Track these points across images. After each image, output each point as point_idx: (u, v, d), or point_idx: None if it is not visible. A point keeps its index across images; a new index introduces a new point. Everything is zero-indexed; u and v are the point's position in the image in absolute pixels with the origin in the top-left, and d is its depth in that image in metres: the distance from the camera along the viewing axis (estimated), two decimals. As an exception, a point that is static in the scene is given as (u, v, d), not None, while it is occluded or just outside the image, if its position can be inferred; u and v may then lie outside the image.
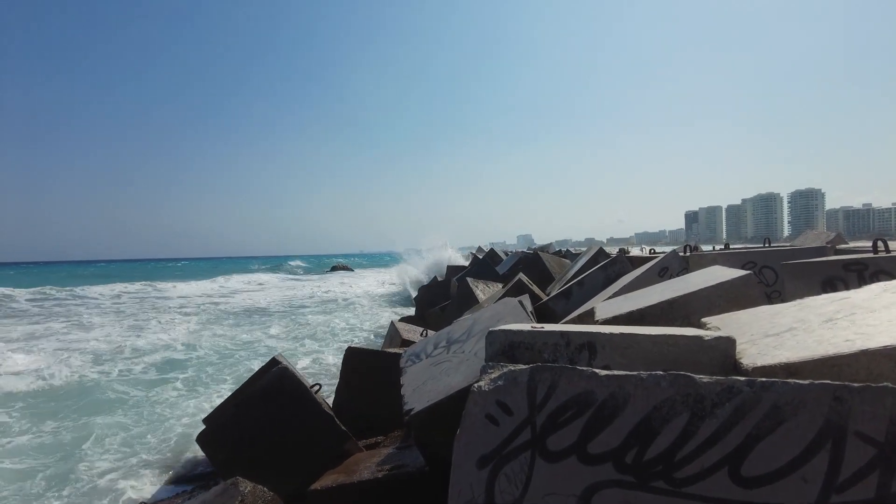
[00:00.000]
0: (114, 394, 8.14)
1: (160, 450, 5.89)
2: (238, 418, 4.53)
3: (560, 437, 1.54)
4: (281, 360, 5.22)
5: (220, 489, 3.47)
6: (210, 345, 12.27)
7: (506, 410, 1.63)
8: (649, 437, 1.45)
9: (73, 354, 11.03)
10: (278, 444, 4.37)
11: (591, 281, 5.99)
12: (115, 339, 13.38)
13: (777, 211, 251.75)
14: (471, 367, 3.51)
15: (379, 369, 5.61)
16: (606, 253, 7.89)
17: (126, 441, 6.16)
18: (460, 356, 3.78)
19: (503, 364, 1.72)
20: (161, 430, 6.47)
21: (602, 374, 1.56)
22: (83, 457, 5.72)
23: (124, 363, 10.33)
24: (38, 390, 8.40)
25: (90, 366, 10.07)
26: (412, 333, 6.84)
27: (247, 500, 3.24)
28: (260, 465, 4.26)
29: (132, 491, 5.00)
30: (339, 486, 3.85)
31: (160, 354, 11.27)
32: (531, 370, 1.63)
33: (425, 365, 3.92)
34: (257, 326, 15.62)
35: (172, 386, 8.67)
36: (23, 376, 9.09)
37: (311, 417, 4.45)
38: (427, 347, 4.17)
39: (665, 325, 3.13)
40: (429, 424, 3.33)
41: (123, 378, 9.20)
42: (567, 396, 1.56)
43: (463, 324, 4.33)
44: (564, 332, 2.36)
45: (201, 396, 7.95)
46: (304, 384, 4.64)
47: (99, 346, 12.22)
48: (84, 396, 8.02)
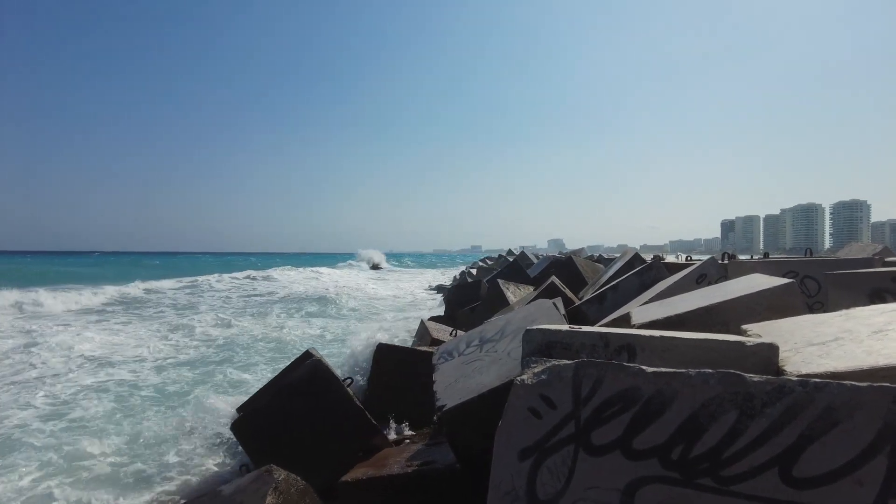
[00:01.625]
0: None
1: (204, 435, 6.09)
2: (271, 408, 4.61)
3: (604, 431, 1.54)
4: (314, 352, 5.30)
5: (254, 475, 3.54)
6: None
7: (549, 404, 1.64)
8: (696, 435, 1.44)
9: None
10: (310, 435, 4.44)
11: (626, 286, 5.94)
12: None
13: (818, 222, 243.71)
14: (504, 366, 3.53)
15: (408, 366, 5.66)
16: (642, 258, 7.79)
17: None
18: (493, 355, 3.79)
19: (546, 359, 1.73)
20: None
21: (649, 371, 1.56)
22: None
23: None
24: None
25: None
26: (442, 333, 6.87)
27: (280, 487, 3.29)
28: (291, 455, 4.33)
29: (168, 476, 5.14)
30: (369, 479, 3.90)
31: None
32: (576, 365, 1.64)
33: (457, 363, 3.95)
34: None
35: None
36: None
37: (342, 410, 4.51)
38: (459, 346, 4.19)
39: (703, 331, 3.09)
40: (461, 421, 3.35)
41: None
42: (612, 392, 1.56)
43: (495, 324, 4.34)
44: (603, 333, 2.35)
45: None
46: (337, 377, 4.71)
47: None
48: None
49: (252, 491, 3.34)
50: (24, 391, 8.14)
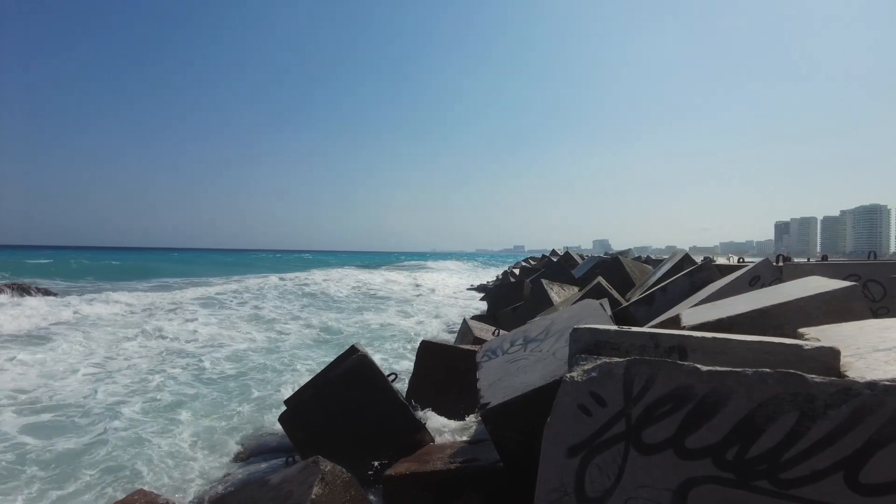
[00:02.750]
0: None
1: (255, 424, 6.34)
2: (317, 401, 4.72)
3: (656, 430, 1.51)
4: (360, 348, 5.39)
5: (301, 466, 3.63)
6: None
7: (599, 401, 1.62)
8: (753, 435, 1.40)
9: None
10: (354, 428, 4.51)
11: (675, 287, 5.79)
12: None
13: (882, 224, 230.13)
14: (548, 366, 3.50)
15: (451, 364, 5.67)
16: (692, 259, 7.57)
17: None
18: (537, 355, 3.77)
19: (597, 356, 1.71)
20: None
21: (703, 370, 1.52)
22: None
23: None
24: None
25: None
26: (484, 332, 6.86)
27: (327, 478, 3.36)
28: (336, 448, 4.41)
29: (219, 462, 5.33)
30: (412, 474, 3.94)
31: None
32: (627, 363, 1.62)
33: (501, 361, 3.94)
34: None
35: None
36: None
37: (386, 405, 4.57)
38: (503, 344, 4.18)
39: (757, 335, 2.99)
40: (505, 419, 3.35)
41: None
42: (665, 390, 1.53)
43: (540, 323, 4.32)
44: (653, 333, 2.31)
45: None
46: (381, 373, 4.78)
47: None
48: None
49: (299, 481, 3.42)
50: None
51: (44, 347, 10.83)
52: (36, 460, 5.34)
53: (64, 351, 10.55)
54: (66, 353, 10.42)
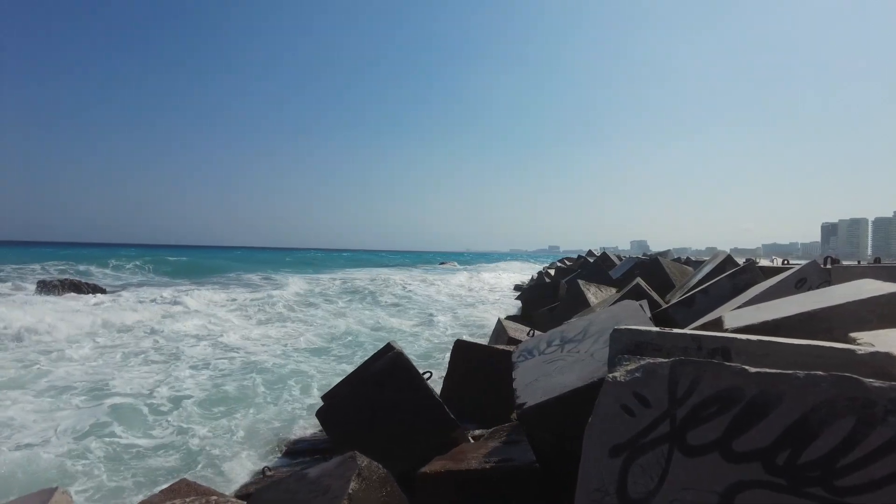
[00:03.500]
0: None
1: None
2: (353, 397, 4.78)
3: (702, 432, 1.48)
4: (395, 345, 5.43)
5: (338, 461, 3.68)
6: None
7: (643, 402, 1.60)
8: (805, 440, 1.35)
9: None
10: (389, 425, 4.55)
11: (716, 289, 5.64)
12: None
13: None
14: (586, 367, 3.47)
15: (486, 363, 5.67)
16: (734, 261, 7.36)
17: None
18: (575, 356, 3.74)
19: (640, 356, 1.69)
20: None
21: (752, 371, 1.48)
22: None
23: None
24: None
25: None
26: (519, 332, 6.83)
27: (363, 473, 3.39)
28: (371, 444, 4.45)
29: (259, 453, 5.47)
30: (447, 473, 3.94)
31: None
32: (673, 363, 1.59)
33: (538, 362, 3.92)
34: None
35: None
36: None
37: (422, 403, 4.59)
38: (540, 345, 4.16)
39: (804, 338, 2.89)
40: (541, 420, 3.33)
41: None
42: (711, 391, 1.50)
43: (577, 324, 4.27)
44: (696, 335, 2.26)
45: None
46: (417, 370, 4.80)
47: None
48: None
49: (337, 475, 3.46)
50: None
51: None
52: (89, 446, 5.58)
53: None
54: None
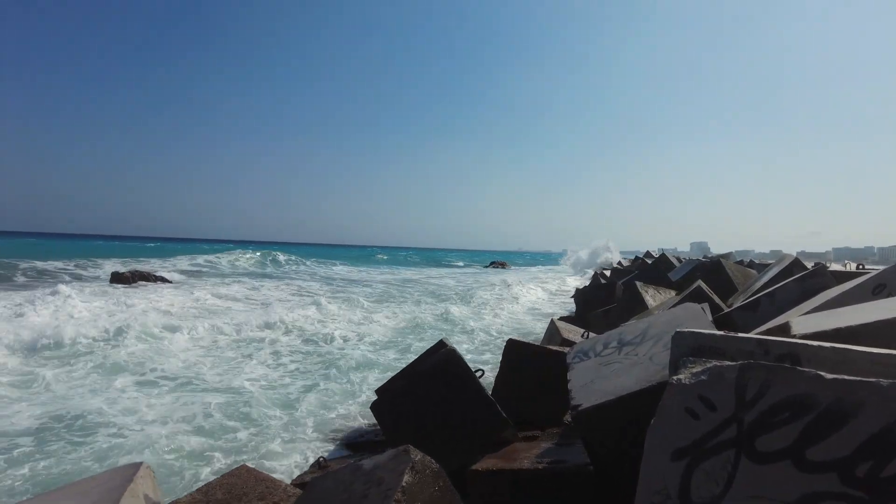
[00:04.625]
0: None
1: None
2: (407, 393, 4.84)
3: (772, 438, 1.43)
4: (447, 342, 5.47)
5: (392, 454, 3.74)
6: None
7: (708, 405, 1.55)
8: (889, 453, 1.28)
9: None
10: (441, 421, 4.59)
11: (783, 294, 5.38)
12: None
13: None
14: (645, 370, 3.40)
15: (538, 364, 5.63)
16: (803, 265, 7.00)
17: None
18: (633, 358, 3.66)
19: (706, 359, 1.64)
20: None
21: (828, 378, 1.42)
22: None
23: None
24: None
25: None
26: (572, 333, 6.73)
27: (417, 467, 3.43)
28: (423, 439, 4.49)
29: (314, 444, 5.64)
30: (498, 471, 3.95)
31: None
32: (741, 367, 1.54)
33: (594, 363, 3.86)
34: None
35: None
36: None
37: (474, 400, 4.61)
38: (596, 346, 4.10)
39: (883, 347, 2.72)
40: (597, 422, 3.28)
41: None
42: (782, 396, 1.44)
43: (635, 326, 4.19)
44: (763, 339, 2.17)
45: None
46: (469, 368, 4.82)
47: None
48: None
49: (390, 468, 3.52)
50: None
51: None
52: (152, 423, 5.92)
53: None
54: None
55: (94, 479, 1.74)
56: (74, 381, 7.71)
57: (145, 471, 1.67)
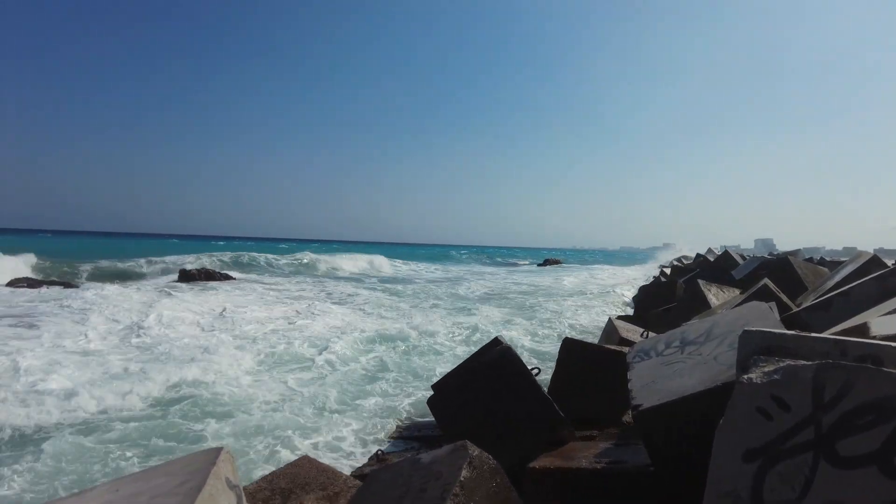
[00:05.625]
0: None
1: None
2: (462, 389, 4.88)
3: (855, 442, 1.36)
4: (503, 339, 5.47)
5: (450, 449, 3.78)
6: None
7: (782, 406, 1.50)
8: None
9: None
10: (497, 418, 4.59)
11: (860, 293, 5.07)
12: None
13: None
14: (708, 370, 3.30)
15: (595, 364, 5.55)
16: (882, 262, 6.58)
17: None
18: (696, 358, 3.56)
19: (779, 358, 1.58)
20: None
21: (917, 380, 1.34)
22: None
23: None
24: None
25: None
26: (631, 333, 6.60)
27: (474, 462, 3.45)
28: (479, 435, 4.51)
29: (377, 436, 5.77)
30: (556, 469, 3.92)
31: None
32: (818, 367, 1.48)
33: (655, 363, 3.78)
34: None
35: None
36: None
37: (530, 398, 4.60)
38: (658, 346, 4.01)
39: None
40: (658, 423, 3.22)
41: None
42: (865, 399, 1.37)
43: (699, 326, 4.06)
44: (839, 340, 2.07)
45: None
46: (525, 366, 4.81)
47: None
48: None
49: (448, 462, 3.56)
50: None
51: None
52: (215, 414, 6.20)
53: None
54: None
55: (179, 462, 1.87)
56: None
57: (226, 455, 1.77)
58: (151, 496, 1.56)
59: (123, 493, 1.65)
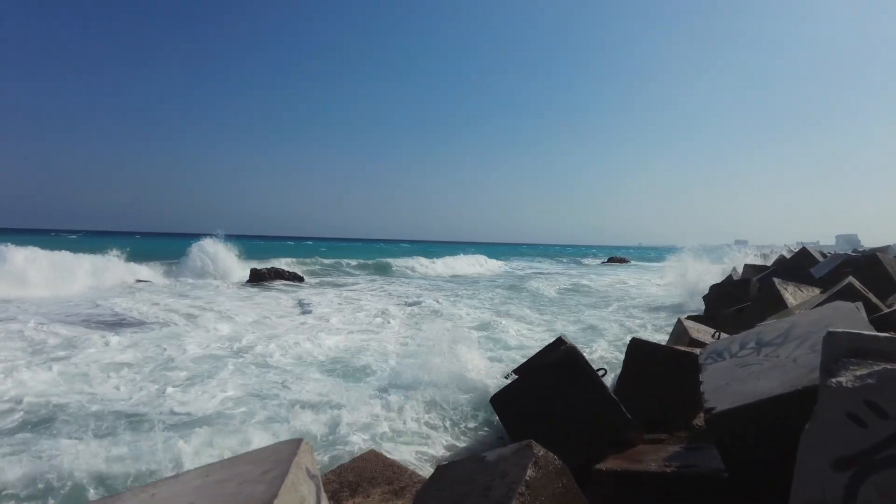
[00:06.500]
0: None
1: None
2: (527, 388, 4.86)
3: (966, 454, 1.27)
4: (566, 339, 5.42)
5: (515, 447, 3.77)
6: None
7: (877, 412, 1.42)
8: None
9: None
10: (562, 418, 4.55)
11: (963, 293, 4.70)
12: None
13: None
14: (787, 373, 3.15)
15: (664, 365, 5.40)
16: None
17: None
18: (773, 360, 3.41)
19: (871, 361, 1.50)
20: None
21: None
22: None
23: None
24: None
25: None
26: (702, 333, 6.36)
27: (539, 462, 3.44)
28: (544, 435, 4.47)
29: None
30: (624, 472, 3.85)
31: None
32: (919, 371, 1.38)
33: (729, 365, 3.64)
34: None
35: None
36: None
37: (596, 399, 4.53)
38: (731, 347, 3.86)
39: None
40: (733, 426, 3.11)
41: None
42: (976, 407, 1.28)
43: (776, 326, 3.88)
44: (942, 342, 1.92)
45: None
46: (591, 366, 4.74)
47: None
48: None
49: (513, 462, 3.55)
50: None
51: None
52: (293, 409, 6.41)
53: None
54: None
55: (262, 451, 1.97)
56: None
57: (305, 446, 1.86)
58: (239, 483, 1.66)
59: (213, 478, 1.77)
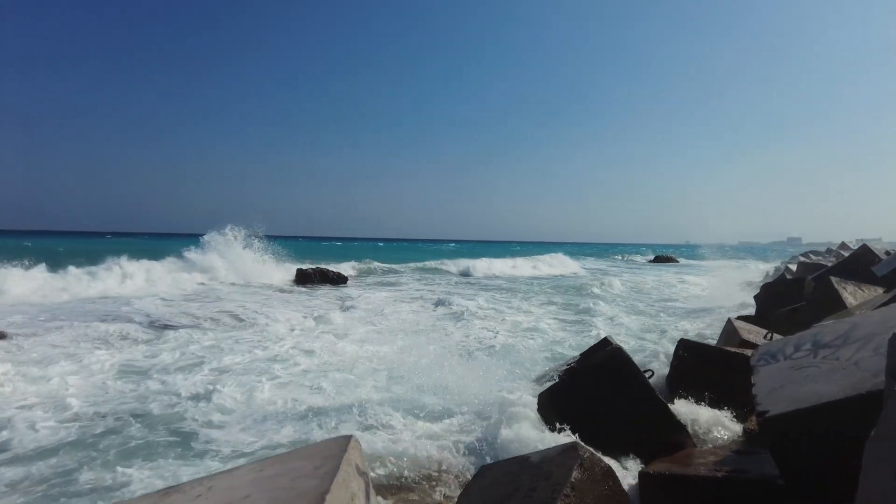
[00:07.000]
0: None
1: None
2: (572, 388, 4.81)
3: None
4: (612, 340, 5.33)
5: (560, 449, 3.75)
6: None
7: (950, 420, 1.35)
8: None
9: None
10: (609, 420, 4.49)
11: None
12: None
13: None
14: (848, 376, 3.02)
15: (714, 366, 5.26)
16: None
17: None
18: (832, 363, 3.27)
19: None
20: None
21: None
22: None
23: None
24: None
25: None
26: (753, 334, 6.16)
27: (585, 464, 3.41)
28: (590, 436, 4.43)
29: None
30: (673, 476, 3.76)
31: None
32: None
33: (783, 367, 3.52)
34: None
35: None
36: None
37: (643, 401, 4.44)
38: (786, 349, 3.73)
39: None
40: (788, 431, 3.00)
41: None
42: None
43: (835, 327, 3.72)
44: None
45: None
46: (637, 367, 4.66)
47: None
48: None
49: (558, 463, 3.54)
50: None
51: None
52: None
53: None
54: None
55: (313, 447, 2.03)
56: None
57: (354, 442, 1.91)
58: (292, 478, 1.72)
59: (266, 473, 1.84)
